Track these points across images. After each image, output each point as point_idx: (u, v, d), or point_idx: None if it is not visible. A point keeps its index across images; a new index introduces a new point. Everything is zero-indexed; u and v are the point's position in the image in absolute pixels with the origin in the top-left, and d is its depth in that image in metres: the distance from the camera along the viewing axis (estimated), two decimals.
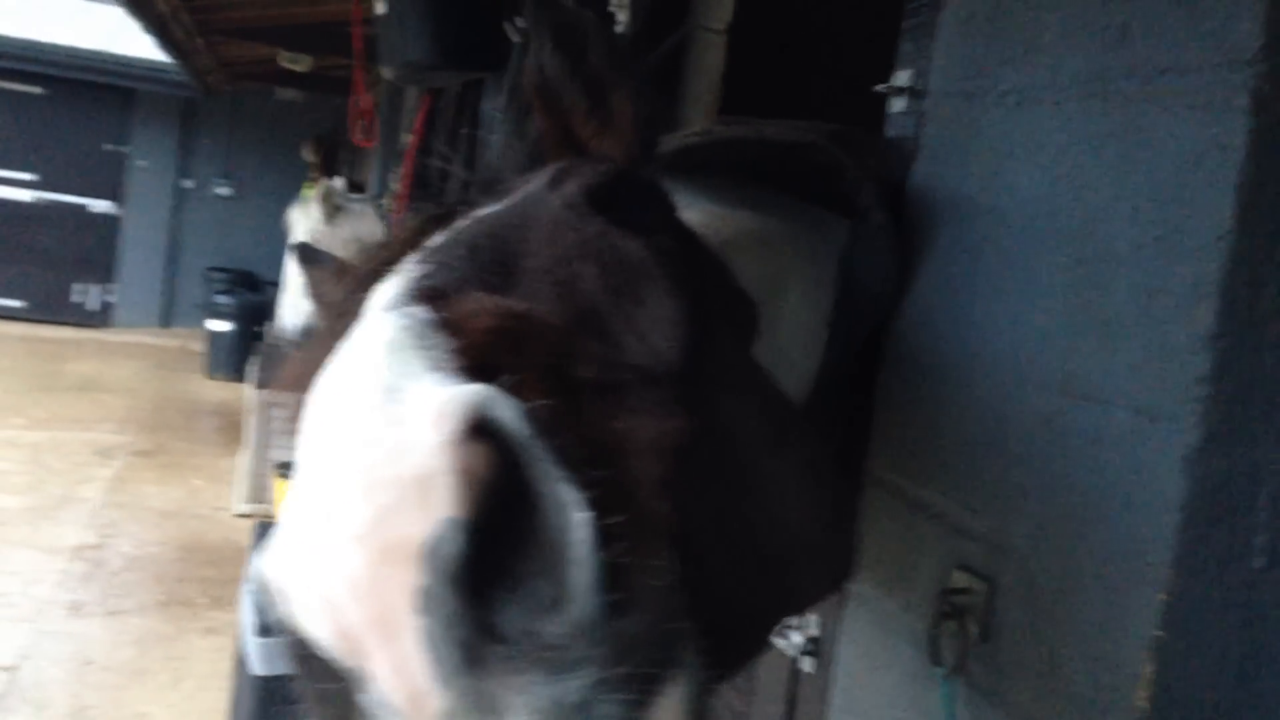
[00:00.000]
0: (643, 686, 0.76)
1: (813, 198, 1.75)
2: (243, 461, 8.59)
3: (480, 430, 0.75)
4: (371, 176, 9.21)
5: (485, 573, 0.74)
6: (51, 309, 15.70)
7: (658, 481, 0.89)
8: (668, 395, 0.98)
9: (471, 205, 1.28)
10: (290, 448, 0.93)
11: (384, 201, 6.70)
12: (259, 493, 8.05)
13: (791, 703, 1.90)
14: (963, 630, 1.44)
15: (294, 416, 0.94)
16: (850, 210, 1.71)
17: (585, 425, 0.89)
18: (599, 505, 0.78)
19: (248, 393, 8.87)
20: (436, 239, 1.15)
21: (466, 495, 0.73)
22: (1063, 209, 1.38)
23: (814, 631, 1.84)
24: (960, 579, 1.47)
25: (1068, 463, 1.33)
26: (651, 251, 1.12)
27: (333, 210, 6.82)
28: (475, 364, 0.86)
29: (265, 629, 3.67)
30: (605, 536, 0.77)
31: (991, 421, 1.47)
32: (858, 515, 1.23)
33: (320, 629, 0.77)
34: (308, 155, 10.82)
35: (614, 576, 0.76)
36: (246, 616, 4.05)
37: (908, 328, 1.68)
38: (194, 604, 6.69)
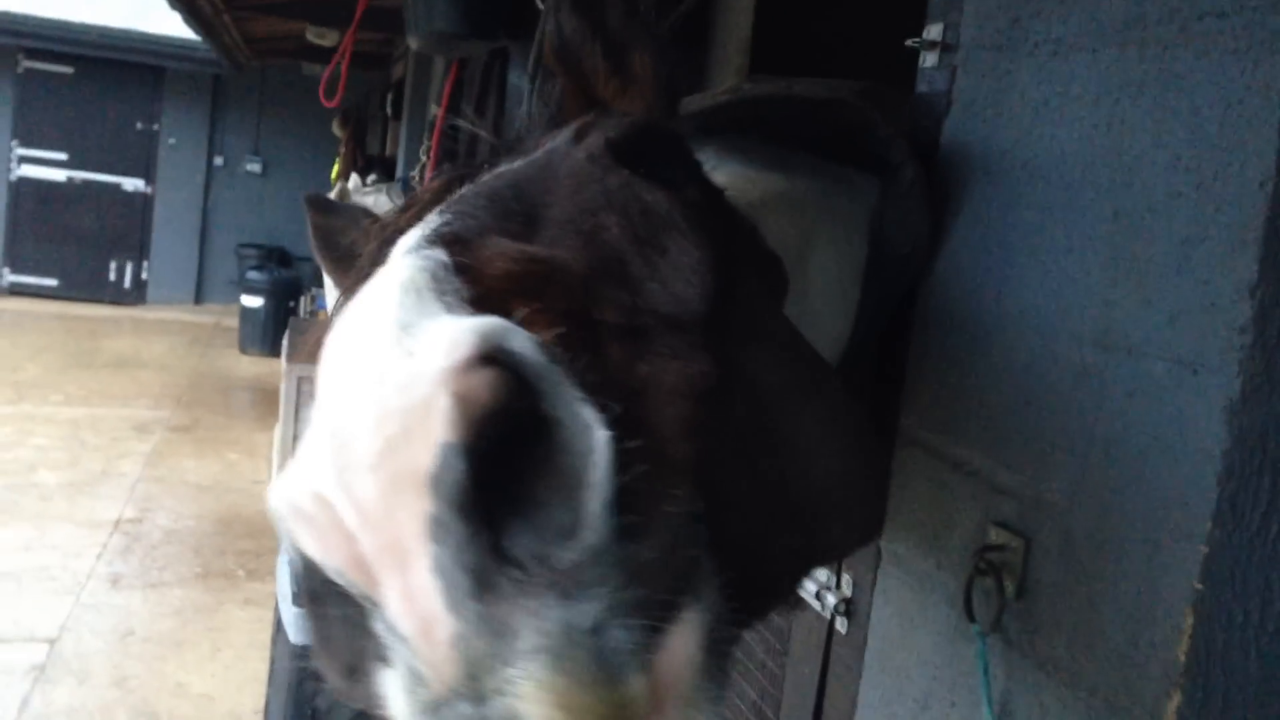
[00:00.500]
0: (656, 614, 0.75)
1: (843, 156, 1.74)
2: (278, 435, 8.65)
3: (491, 359, 0.75)
4: (401, 148, 9.22)
5: (498, 498, 0.73)
6: (86, 287, 15.87)
7: (681, 423, 0.89)
8: (693, 341, 0.97)
9: (495, 164, 1.28)
10: None
11: (413, 174, 6.70)
12: None
13: (825, 663, 1.89)
14: (998, 587, 1.42)
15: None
16: (881, 168, 1.70)
17: (609, 365, 0.89)
18: (618, 432, 0.77)
19: (281, 367, 8.93)
20: (460, 193, 1.15)
21: (472, 421, 0.72)
22: (1100, 160, 1.36)
23: (848, 592, 1.84)
24: (996, 536, 1.46)
25: (1105, 416, 1.31)
26: (676, 203, 1.11)
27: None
28: (492, 306, 0.85)
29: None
30: (623, 461, 0.76)
31: (1027, 377, 1.45)
32: (888, 471, 1.22)
33: (332, 557, 0.77)
34: (337, 130, 10.84)
35: (630, 501, 0.76)
36: (283, 587, 4.10)
37: (941, 284, 1.66)
38: (232, 576, 6.77)
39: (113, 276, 16.08)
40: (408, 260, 0.90)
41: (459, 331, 0.76)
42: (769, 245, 1.43)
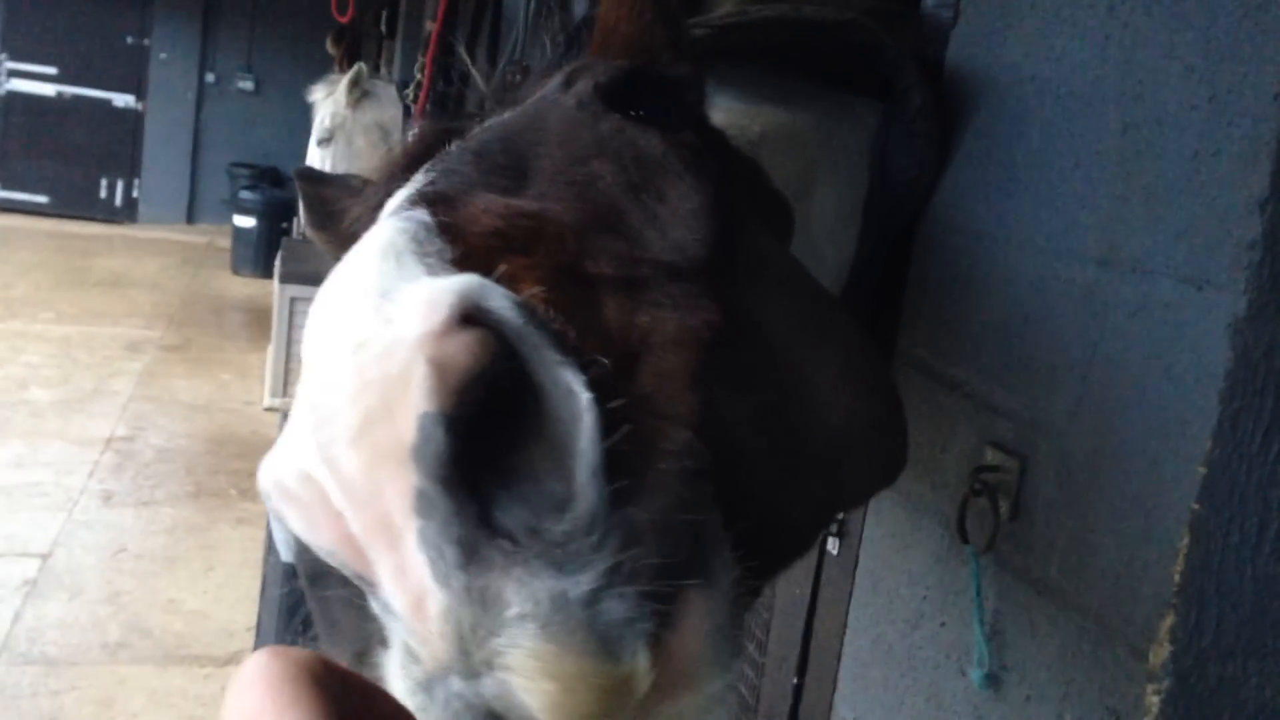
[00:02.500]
0: (659, 581, 0.71)
1: (849, 79, 1.70)
2: (270, 356, 8.64)
3: (471, 321, 0.72)
4: (395, 66, 9.09)
5: (484, 467, 0.71)
6: (77, 204, 15.73)
7: (682, 375, 0.85)
8: (696, 289, 0.93)
9: (484, 115, 1.24)
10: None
11: (408, 91, 6.60)
12: (287, 387, 8.10)
13: (816, 584, 1.89)
14: (993, 508, 1.41)
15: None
16: (887, 91, 1.65)
17: (604, 319, 0.86)
18: (607, 389, 0.74)
19: (274, 288, 8.88)
20: (448, 149, 1.10)
21: (451, 388, 0.69)
22: (1110, 72, 1.32)
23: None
24: (992, 456, 1.44)
25: (1107, 336, 1.29)
26: (672, 146, 1.07)
27: (360, 95, 6.72)
28: (477, 264, 0.82)
29: None
30: (613, 420, 0.72)
31: (1028, 296, 1.42)
32: (902, 405, 1.18)
33: (322, 537, 0.75)
34: (330, 48, 10.67)
35: (624, 463, 0.72)
36: None
37: (942, 201, 1.63)
38: (224, 495, 6.79)
39: (104, 194, 15.91)
40: (389, 223, 0.87)
41: (435, 293, 0.73)
42: (772, 183, 1.39)
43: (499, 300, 0.73)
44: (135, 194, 16.08)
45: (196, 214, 16.29)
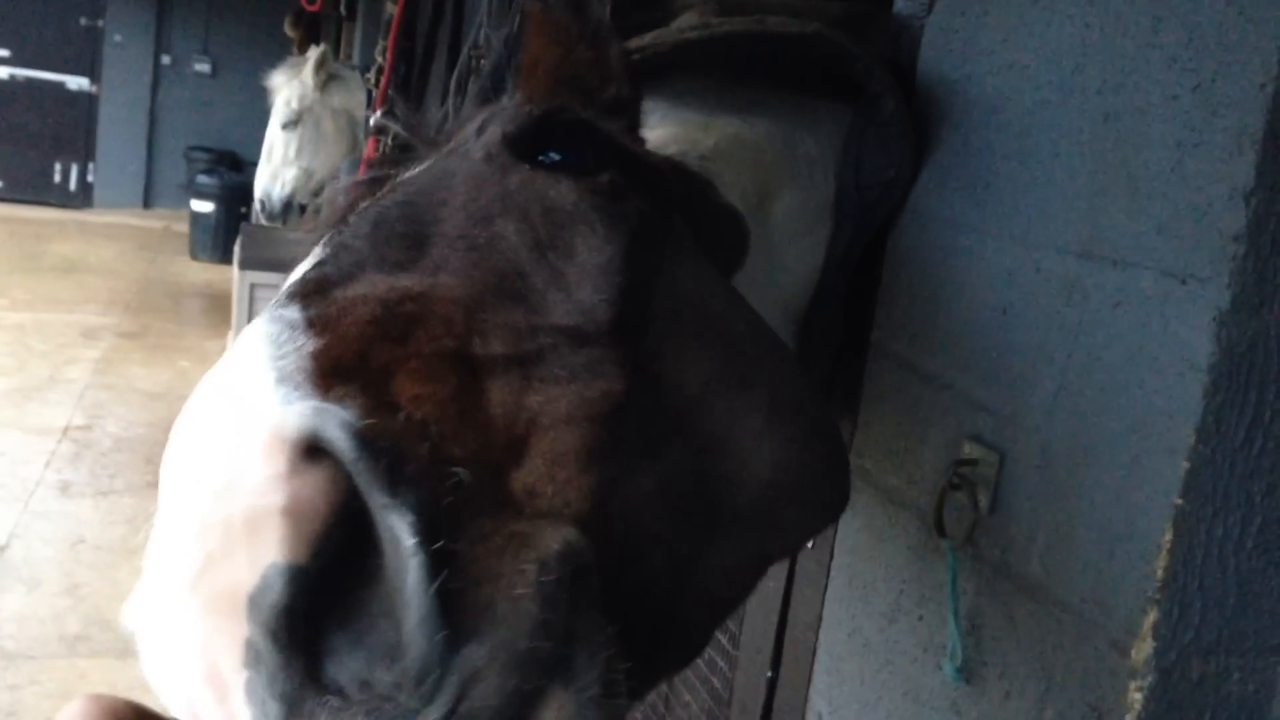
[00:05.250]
0: (501, 715, 0.67)
1: (819, 88, 1.67)
2: (230, 343, 8.53)
3: (315, 455, 0.68)
4: (355, 50, 8.98)
5: (323, 614, 0.67)
6: (30, 189, 15.45)
7: (575, 456, 0.80)
8: (598, 354, 0.89)
9: (406, 162, 1.18)
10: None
11: (369, 75, 6.51)
12: None
13: (790, 578, 1.88)
14: (971, 502, 1.40)
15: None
16: (858, 93, 1.63)
17: (488, 409, 0.81)
18: (457, 516, 0.70)
19: (233, 274, 8.77)
20: (352, 218, 1.05)
21: (308, 537, 0.66)
22: (1092, 60, 1.30)
23: None
24: (970, 450, 1.43)
25: (1088, 329, 1.28)
26: (585, 193, 1.02)
27: (326, 78, 6.61)
28: (342, 362, 0.77)
29: None
30: (455, 557, 0.68)
31: (1006, 288, 1.41)
32: (843, 443, 1.14)
33: (168, 689, 0.72)
34: (289, 30, 10.52)
35: (466, 599, 0.67)
36: None
37: (918, 193, 1.61)
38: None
39: (58, 179, 15.63)
40: (258, 325, 0.82)
41: (275, 426, 0.69)
42: (724, 199, 1.36)
43: (334, 430, 0.69)
44: (90, 178, 15.83)
45: (153, 198, 16.05)
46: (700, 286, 1.13)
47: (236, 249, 8.64)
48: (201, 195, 13.34)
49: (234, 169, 14.28)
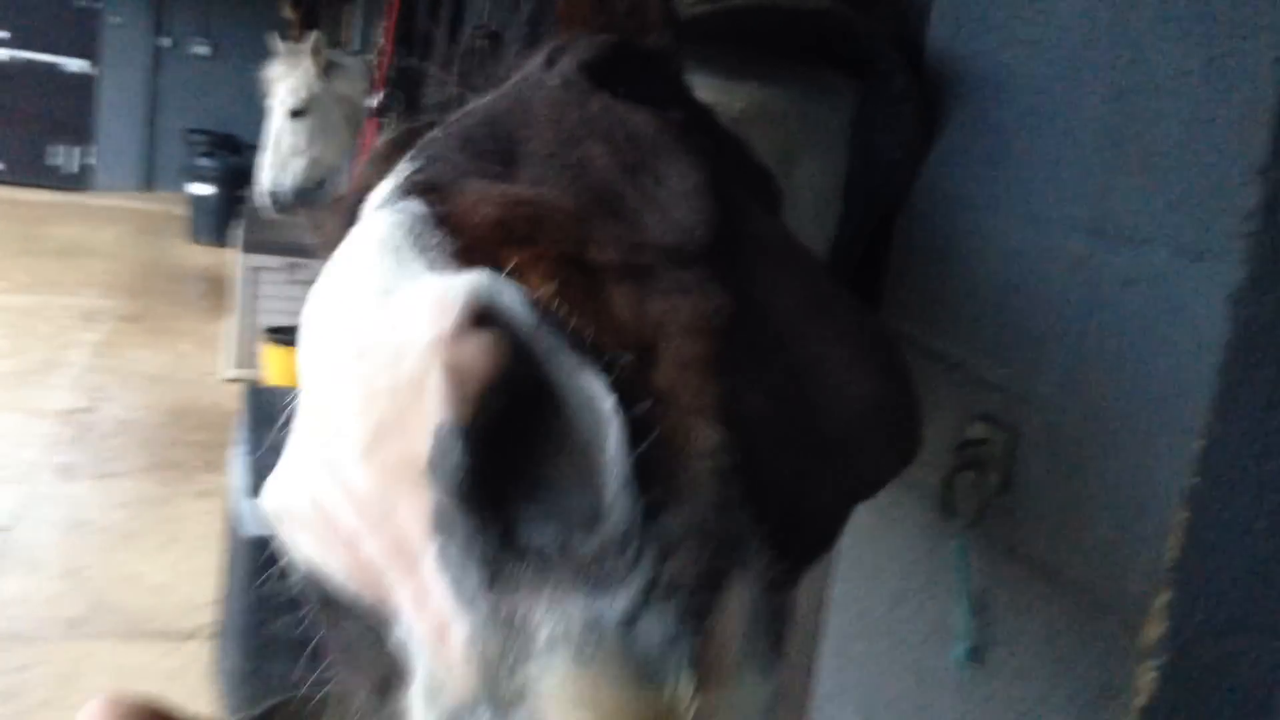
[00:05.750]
0: (696, 592, 0.66)
1: (827, 63, 1.66)
2: (230, 326, 8.51)
3: (485, 321, 0.66)
4: (353, 31, 8.94)
5: (508, 480, 0.66)
6: (29, 171, 15.41)
7: (702, 364, 0.80)
8: (703, 273, 0.88)
9: (462, 97, 1.18)
10: (277, 312, 0.84)
11: (369, 57, 6.47)
12: (247, 358, 7.99)
13: None
14: (981, 482, 1.39)
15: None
16: (868, 72, 1.62)
17: (614, 311, 0.80)
18: (630, 391, 0.69)
19: (232, 257, 8.75)
20: (426, 139, 1.03)
21: (469, 396, 0.64)
22: (1103, 35, 1.28)
23: None
24: (980, 430, 1.42)
25: (1099, 307, 1.26)
26: (663, 123, 1.02)
27: (327, 64, 6.54)
28: (481, 260, 0.76)
29: (256, 490, 3.66)
30: (640, 425, 0.67)
31: (1017, 266, 1.40)
32: (915, 382, 1.13)
33: (334, 565, 0.69)
34: (286, 12, 10.47)
35: (654, 468, 0.67)
36: (237, 479, 4.04)
37: (929, 172, 1.59)
38: (185, 467, 6.69)
39: (57, 161, 15.60)
40: (380, 216, 0.81)
41: (444, 292, 0.68)
42: (759, 159, 1.35)
43: (512, 298, 0.68)
44: (89, 161, 15.78)
45: (152, 181, 16.01)
46: (771, 225, 1.14)
47: (238, 232, 8.63)
48: (201, 178, 13.30)
49: (233, 152, 14.23)
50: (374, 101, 5.61)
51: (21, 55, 15.39)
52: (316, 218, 1.21)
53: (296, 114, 6.44)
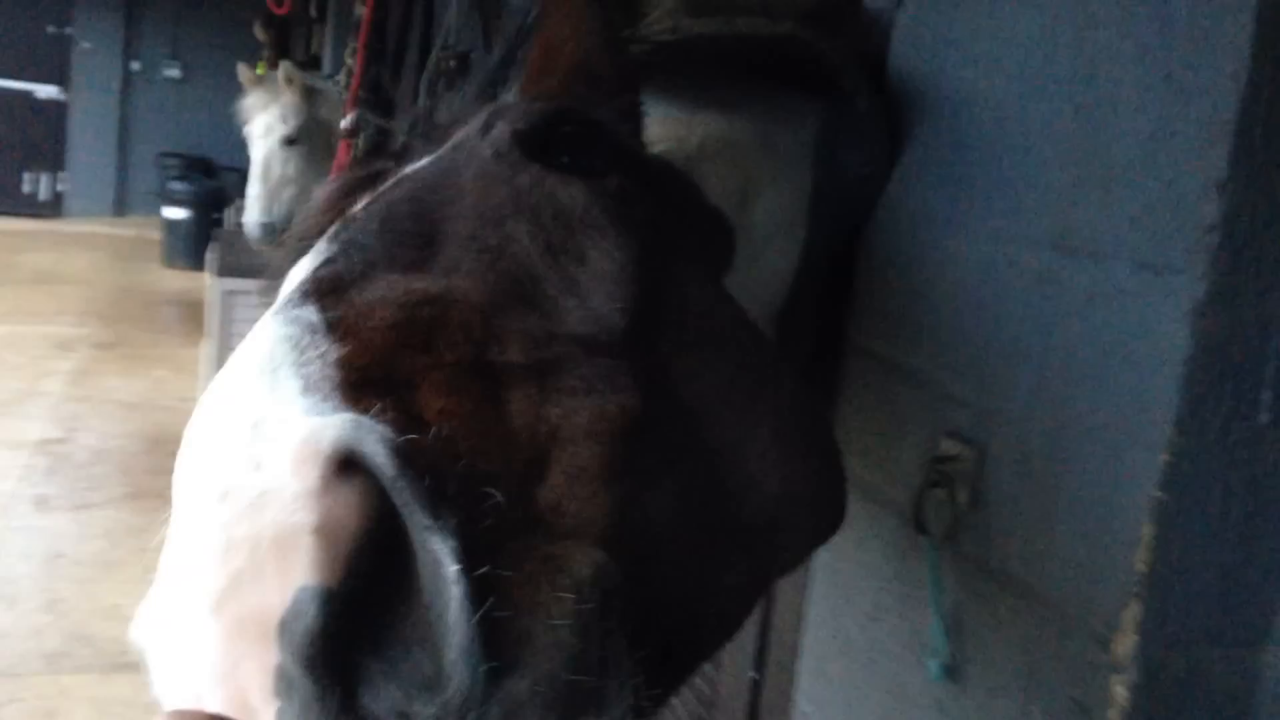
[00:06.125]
0: None
1: (789, 85, 1.66)
2: (206, 351, 8.46)
3: (349, 470, 0.65)
4: (326, 52, 8.92)
5: (356, 640, 0.64)
6: (1, 199, 15.31)
7: (595, 473, 0.78)
8: (614, 367, 0.86)
9: (404, 157, 1.16)
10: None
11: (339, 78, 6.45)
12: None
13: None
14: (951, 498, 1.39)
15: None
16: (831, 92, 1.62)
17: (510, 419, 0.79)
18: (493, 538, 0.68)
19: (208, 281, 8.70)
20: (358, 206, 1.02)
21: (341, 558, 0.63)
22: (1061, 51, 1.29)
23: None
24: (949, 446, 1.42)
25: (1063, 322, 1.27)
26: (596, 196, 1.00)
27: (307, 91, 6.46)
28: (369, 373, 0.75)
29: None
30: (493, 583, 0.66)
31: (981, 283, 1.40)
32: (841, 454, 1.12)
33: (185, 710, 0.69)
34: (259, 34, 10.45)
35: (505, 629, 0.66)
36: None
37: (893, 189, 1.60)
38: (163, 496, 6.38)
39: (28, 189, 15.50)
40: (273, 324, 0.79)
41: (307, 440, 0.66)
42: (711, 202, 1.34)
43: (373, 445, 0.66)
44: (61, 187, 15.69)
45: (125, 206, 15.93)
46: (704, 295, 1.11)
47: (211, 256, 8.58)
48: (174, 202, 13.25)
49: (207, 175, 14.19)
50: (345, 122, 5.59)
51: None
52: (273, 256, 1.19)
53: (290, 142, 6.35)
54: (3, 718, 4.43)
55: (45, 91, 15.52)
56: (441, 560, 0.64)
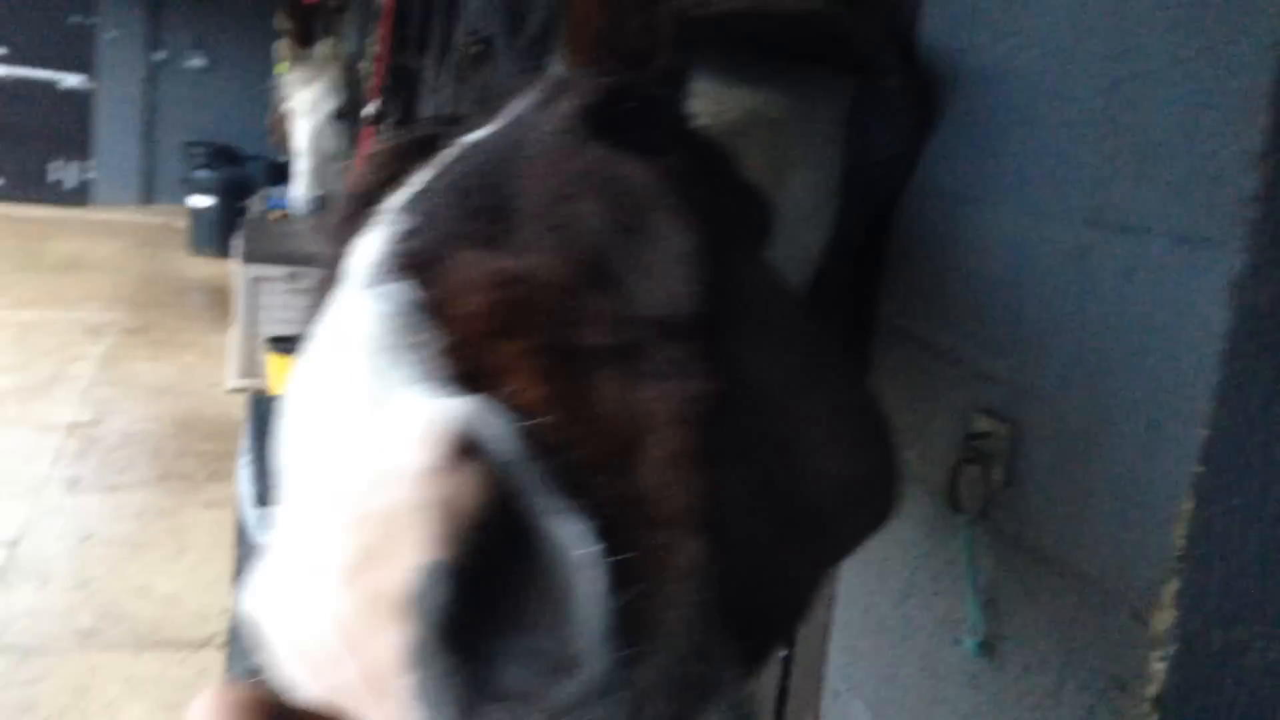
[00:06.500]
0: None
1: (820, 63, 1.65)
2: (233, 337, 8.52)
3: (472, 451, 0.66)
4: (348, 38, 8.94)
5: (485, 620, 0.65)
6: (29, 188, 15.43)
7: (687, 459, 0.77)
8: (691, 349, 0.85)
9: (455, 125, 1.15)
10: (279, 321, 0.83)
11: (362, 65, 6.46)
12: (251, 367, 7.99)
13: None
14: (985, 475, 1.39)
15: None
16: (862, 70, 1.61)
17: (600, 404, 0.78)
18: (615, 528, 0.67)
19: (234, 267, 8.75)
20: (420, 174, 1.01)
21: (460, 533, 0.64)
22: (1097, 25, 1.28)
23: None
24: (982, 423, 1.41)
25: (1099, 298, 1.26)
26: (661, 175, 0.98)
27: (349, 69, 6.44)
28: (470, 357, 0.75)
29: (264, 499, 3.66)
30: (622, 572, 0.66)
31: (1015, 259, 1.40)
32: (896, 443, 1.11)
33: (309, 681, 0.69)
34: (282, 22, 10.46)
35: (634, 617, 0.66)
36: (244, 488, 4.04)
37: (925, 166, 1.59)
38: (192, 478, 6.70)
39: (54, 177, 15.62)
40: (370, 302, 0.79)
41: (436, 418, 0.67)
42: (748, 181, 1.33)
43: (499, 429, 0.67)
44: (88, 176, 15.80)
45: (152, 194, 16.02)
46: (759, 276, 1.10)
47: (239, 243, 8.63)
48: (200, 189, 13.31)
49: (232, 162, 14.24)
50: (370, 109, 5.60)
51: (18, 72, 15.41)
52: (319, 224, 1.19)
53: (340, 116, 6.34)
54: (35, 693, 4.49)
55: (71, 81, 15.61)
56: (573, 543, 0.65)
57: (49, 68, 15.48)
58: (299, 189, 6.20)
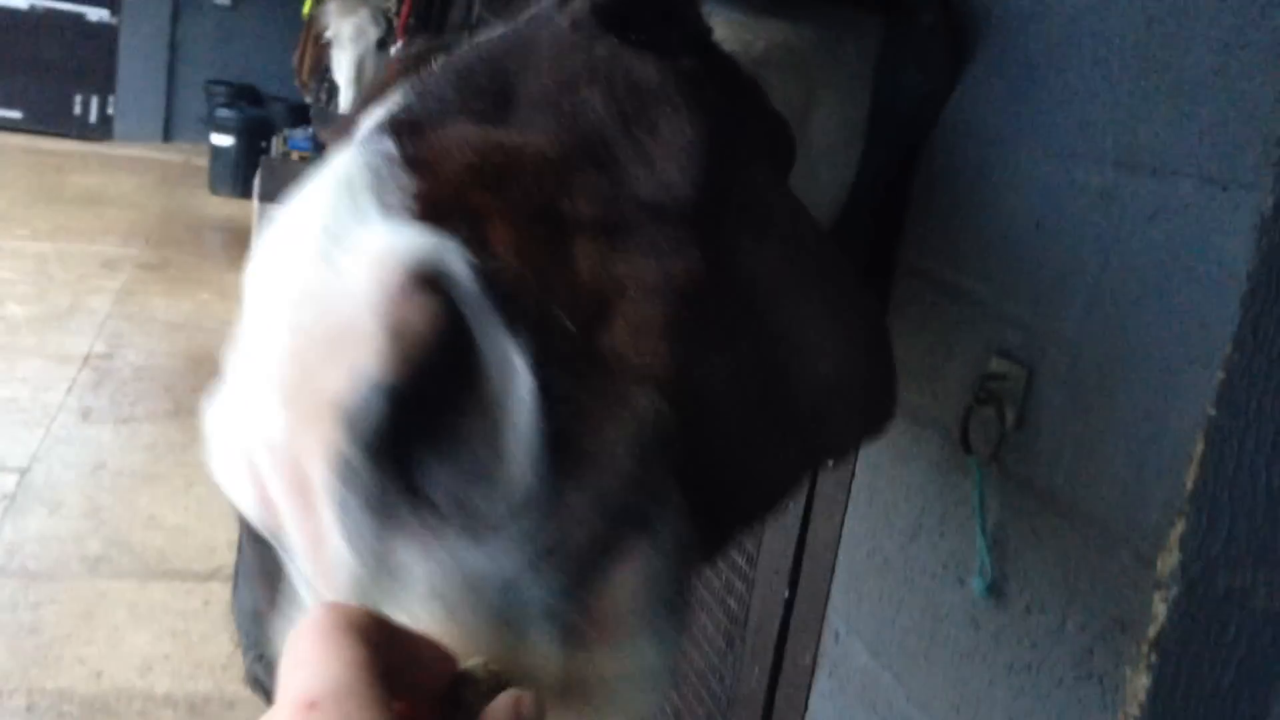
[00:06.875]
0: (586, 562, 0.68)
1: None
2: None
3: (425, 284, 0.68)
4: None
5: (416, 434, 0.67)
6: (51, 120, 15.44)
7: (659, 327, 0.81)
8: (681, 233, 0.88)
9: (476, 29, 1.17)
10: None
11: (388, 4, 6.42)
12: None
13: (810, 497, 1.87)
14: (998, 417, 1.38)
15: None
16: (893, 7, 1.59)
17: (575, 267, 0.81)
18: (561, 362, 0.71)
19: (254, 208, 8.76)
20: (426, 72, 1.03)
21: (399, 355, 0.66)
22: None
23: None
24: (998, 365, 1.41)
25: (1123, 240, 1.25)
26: (670, 74, 1.01)
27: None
28: (444, 205, 0.77)
29: None
30: (562, 394, 0.69)
31: (1041, 201, 1.38)
32: (892, 351, 1.14)
33: (245, 494, 0.72)
34: None
35: (568, 438, 0.69)
36: None
37: (953, 107, 1.58)
38: (204, 413, 6.73)
39: (78, 110, 15.61)
40: (352, 154, 0.82)
41: (391, 249, 0.69)
42: (775, 107, 1.33)
43: (457, 264, 0.70)
44: (110, 111, 15.79)
45: (173, 132, 16.02)
46: (768, 184, 1.12)
47: (256, 182, 8.63)
48: (221, 129, 13.30)
49: (254, 103, 14.22)
50: (395, 50, 5.58)
51: (42, 4, 15.37)
52: (330, 129, 1.22)
53: (382, 45, 6.39)
54: (43, 617, 4.54)
55: (96, 14, 15.58)
56: (512, 363, 0.68)
57: (74, 1, 15.45)
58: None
